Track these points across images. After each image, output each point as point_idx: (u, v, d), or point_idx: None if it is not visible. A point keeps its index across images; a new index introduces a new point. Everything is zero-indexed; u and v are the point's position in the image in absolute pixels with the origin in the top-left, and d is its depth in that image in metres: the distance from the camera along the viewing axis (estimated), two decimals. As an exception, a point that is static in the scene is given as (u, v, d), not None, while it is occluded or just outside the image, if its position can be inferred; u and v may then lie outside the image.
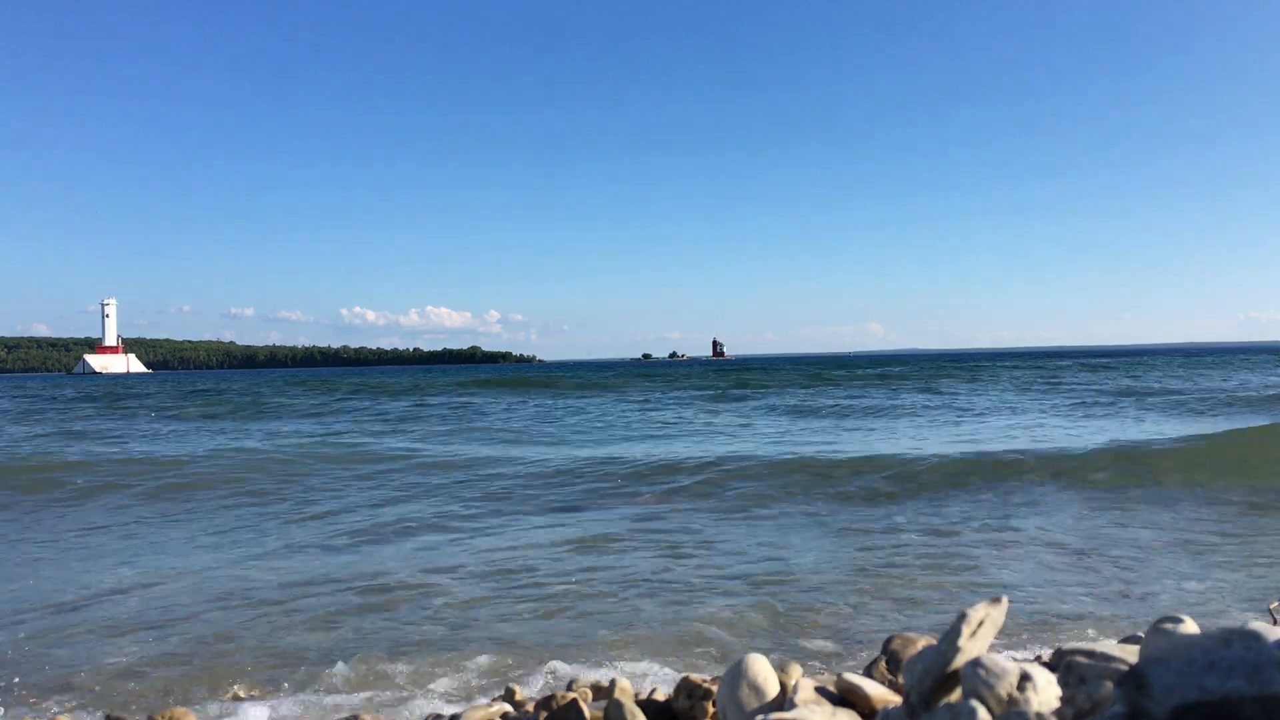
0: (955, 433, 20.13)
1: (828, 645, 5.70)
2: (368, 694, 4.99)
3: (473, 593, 7.15)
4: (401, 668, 5.40)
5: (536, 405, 35.19)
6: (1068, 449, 14.94)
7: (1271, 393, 29.73)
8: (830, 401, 33.22)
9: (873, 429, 21.78)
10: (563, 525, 10.04)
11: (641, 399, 38.05)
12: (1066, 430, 19.90)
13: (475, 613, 6.59)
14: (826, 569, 7.75)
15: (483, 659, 5.53)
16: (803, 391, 40.81)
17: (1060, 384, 40.96)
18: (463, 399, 40.91)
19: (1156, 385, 37.60)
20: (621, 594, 7.05)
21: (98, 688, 5.16)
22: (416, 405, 36.38)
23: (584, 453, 16.85)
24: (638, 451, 16.70)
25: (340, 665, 5.43)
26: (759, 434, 21.07)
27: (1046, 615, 6.23)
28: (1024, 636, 5.73)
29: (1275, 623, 4.58)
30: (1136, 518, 9.86)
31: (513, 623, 6.34)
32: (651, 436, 20.82)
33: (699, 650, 5.65)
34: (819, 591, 7.01)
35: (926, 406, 29.38)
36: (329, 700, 4.91)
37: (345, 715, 4.55)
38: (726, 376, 62.71)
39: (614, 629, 6.13)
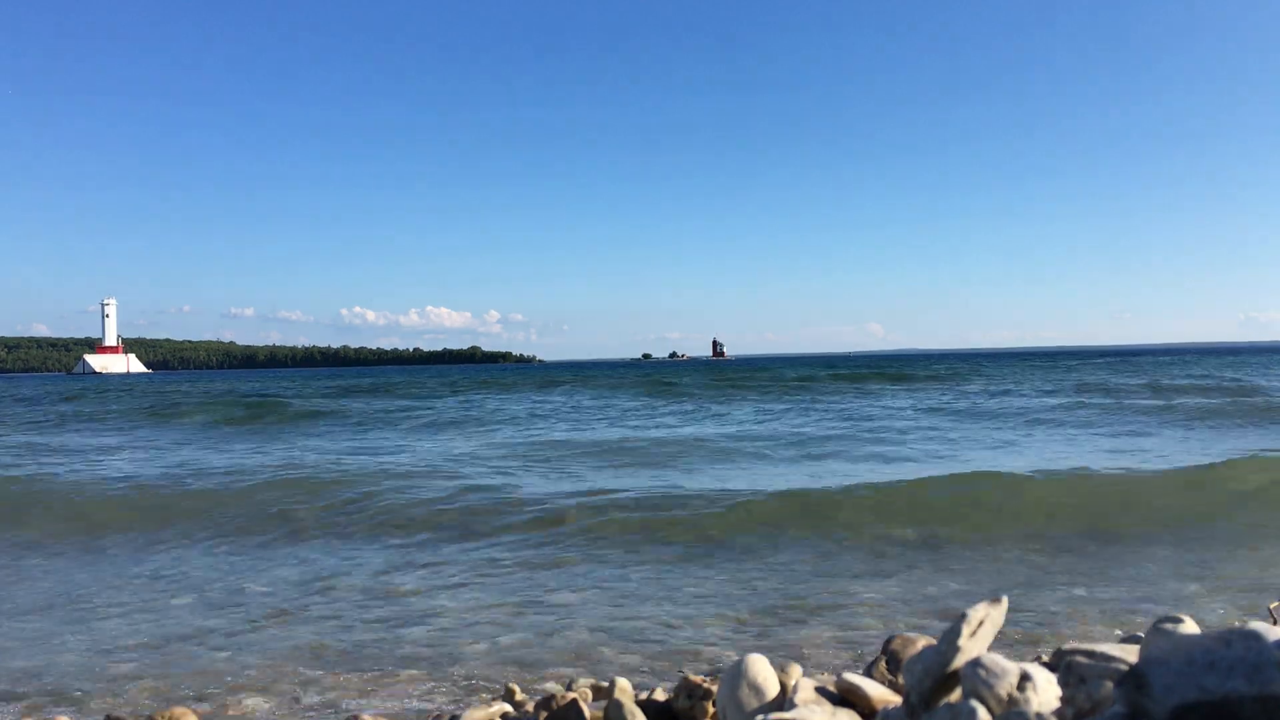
0: (952, 452, 20.11)
1: (828, 645, 5.70)
2: (367, 695, 4.99)
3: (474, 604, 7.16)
4: (404, 670, 5.40)
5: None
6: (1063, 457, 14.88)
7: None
8: (826, 408, 33.19)
9: (878, 438, 21.75)
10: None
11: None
12: (1067, 439, 19.87)
13: (476, 618, 6.61)
14: (826, 575, 7.78)
15: (479, 663, 5.53)
16: (807, 397, 40.74)
17: (1067, 383, 40.86)
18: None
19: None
20: (624, 600, 7.07)
21: (99, 689, 5.16)
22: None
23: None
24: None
25: (340, 670, 5.44)
26: (764, 447, 21.04)
27: (1047, 615, 6.23)
28: (1024, 636, 5.73)
29: (1275, 623, 4.58)
30: (1147, 521, 9.86)
31: (512, 630, 6.35)
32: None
33: (698, 654, 5.65)
34: (820, 595, 7.02)
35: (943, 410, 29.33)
36: (329, 702, 4.91)
37: (346, 716, 4.55)
38: (725, 376, 62.60)
39: (615, 636, 6.13)
